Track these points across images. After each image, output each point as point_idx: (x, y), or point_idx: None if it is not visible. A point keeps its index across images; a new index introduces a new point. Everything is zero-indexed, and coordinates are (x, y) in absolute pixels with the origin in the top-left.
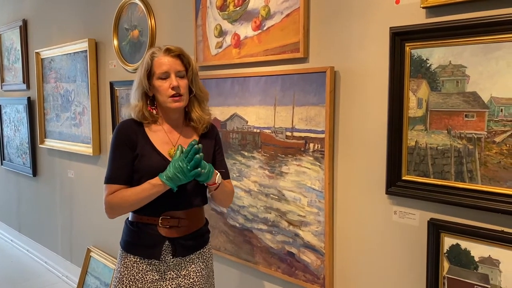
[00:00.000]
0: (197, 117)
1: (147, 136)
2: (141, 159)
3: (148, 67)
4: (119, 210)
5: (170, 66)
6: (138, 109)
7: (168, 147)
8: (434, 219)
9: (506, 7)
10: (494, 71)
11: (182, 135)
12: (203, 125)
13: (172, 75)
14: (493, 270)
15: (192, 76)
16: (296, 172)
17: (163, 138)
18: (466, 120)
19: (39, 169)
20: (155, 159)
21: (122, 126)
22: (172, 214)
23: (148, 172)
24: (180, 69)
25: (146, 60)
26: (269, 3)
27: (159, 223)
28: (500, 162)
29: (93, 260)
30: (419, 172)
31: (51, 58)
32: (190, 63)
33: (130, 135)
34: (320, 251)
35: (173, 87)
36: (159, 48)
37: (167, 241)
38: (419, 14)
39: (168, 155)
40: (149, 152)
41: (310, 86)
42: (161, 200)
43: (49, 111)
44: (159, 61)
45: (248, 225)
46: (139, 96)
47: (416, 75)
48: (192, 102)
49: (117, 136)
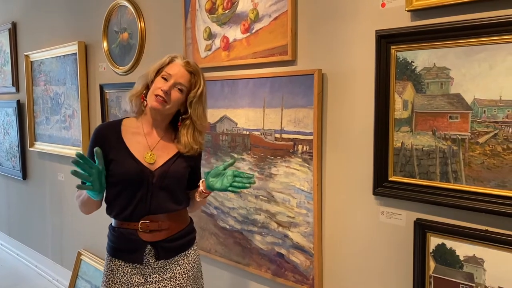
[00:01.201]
0: (184, 142)
1: (122, 140)
2: (115, 165)
3: (163, 65)
4: (80, 208)
5: (176, 74)
6: (133, 93)
7: (144, 151)
8: (420, 219)
9: (488, 10)
10: (477, 73)
11: (161, 141)
12: (187, 152)
13: (171, 81)
14: (478, 269)
15: (194, 99)
16: (285, 174)
17: (140, 141)
18: (450, 121)
19: (29, 172)
20: (128, 164)
21: (98, 130)
22: (151, 218)
23: (122, 177)
24: (183, 82)
25: (164, 59)
26: (258, 6)
27: (139, 228)
28: (484, 162)
29: (84, 263)
30: (405, 173)
31: (41, 61)
32: (197, 85)
33: (104, 140)
34: (309, 252)
35: (162, 89)
36: (183, 57)
37: (149, 245)
38: (404, 17)
39: (143, 159)
40: (123, 157)
41: (298, 89)
42: (137, 206)
43: (39, 114)
44: (173, 65)
45: (238, 227)
46: (142, 83)
47: (402, 77)
48: (186, 125)
49: (92, 140)
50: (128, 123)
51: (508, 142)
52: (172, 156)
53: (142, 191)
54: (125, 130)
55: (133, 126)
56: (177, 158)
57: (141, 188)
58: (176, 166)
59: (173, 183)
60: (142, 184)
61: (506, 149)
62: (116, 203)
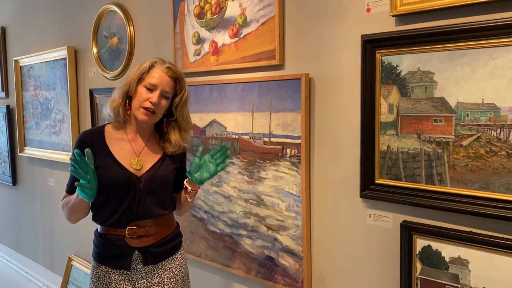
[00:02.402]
0: (175, 141)
1: (107, 146)
2: (101, 172)
3: (144, 72)
4: (67, 216)
5: (161, 82)
6: (116, 105)
7: (130, 157)
8: (406, 221)
9: (470, 15)
10: (460, 77)
11: (146, 146)
12: (177, 151)
13: (157, 91)
14: (463, 270)
15: (179, 104)
16: (274, 177)
17: (125, 147)
18: (435, 124)
19: (19, 178)
20: (114, 170)
21: (81, 137)
22: (138, 223)
23: (109, 184)
24: (168, 90)
25: (144, 66)
26: (246, 11)
27: (126, 234)
28: (468, 165)
29: (74, 269)
30: (391, 175)
31: (30, 65)
32: (183, 90)
33: (88, 147)
34: (298, 255)
35: (151, 101)
36: (162, 62)
37: (136, 250)
38: (388, 22)
39: (130, 166)
40: (108, 163)
41: (286, 93)
42: (124, 212)
43: (29, 119)
44: (155, 72)
45: (228, 231)
46: (122, 93)
47: (387, 81)
48: (172, 126)
49: (75, 147)
50: (111, 129)
51: (490, 144)
52: (158, 160)
53: (129, 197)
54: (108, 136)
55: (116, 132)
56: (163, 161)
57: (128, 195)
58: (162, 171)
59: (160, 187)
60: (129, 191)
61: (489, 152)
62: (103, 210)
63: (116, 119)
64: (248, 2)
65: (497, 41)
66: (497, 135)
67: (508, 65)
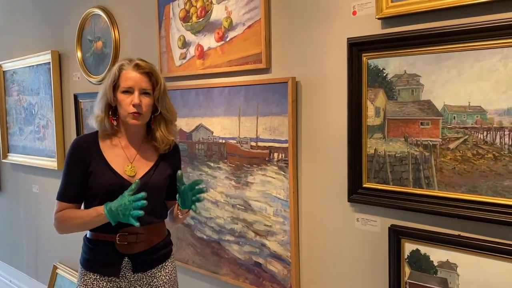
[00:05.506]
0: (160, 137)
1: (101, 153)
2: (94, 177)
3: (115, 79)
4: (67, 229)
5: (135, 82)
6: (100, 119)
7: (124, 163)
8: (394, 225)
9: (455, 18)
10: (446, 79)
11: (140, 152)
12: (165, 146)
13: (136, 92)
14: (451, 274)
15: (159, 96)
16: (262, 182)
17: (119, 154)
18: (422, 127)
19: (3, 185)
20: (108, 177)
21: (76, 143)
22: (129, 230)
23: (101, 189)
24: (146, 86)
25: (113, 71)
26: (231, 14)
27: (116, 240)
28: (455, 168)
29: (59, 277)
30: (379, 179)
31: (14, 70)
32: (159, 81)
33: (83, 152)
34: (286, 261)
35: (134, 104)
36: (129, 61)
37: (126, 257)
38: (374, 25)
39: (123, 172)
40: (102, 169)
41: (272, 96)
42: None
43: (12, 125)
44: (126, 75)
45: (215, 237)
46: (103, 106)
47: (374, 85)
48: (158, 120)
49: (70, 153)
50: (105, 136)
51: (477, 147)
52: (151, 166)
53: None
54: (102, 143)
55: (110, 139)
56: (156, 168)
57: None
58: (156, 178)
59: (153, 194)
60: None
61: (476, 155)
62: None
63: (104, 132)
64: (234, 6)
65: (483, 43)
66: (484, 137)
67: (494, 67)
